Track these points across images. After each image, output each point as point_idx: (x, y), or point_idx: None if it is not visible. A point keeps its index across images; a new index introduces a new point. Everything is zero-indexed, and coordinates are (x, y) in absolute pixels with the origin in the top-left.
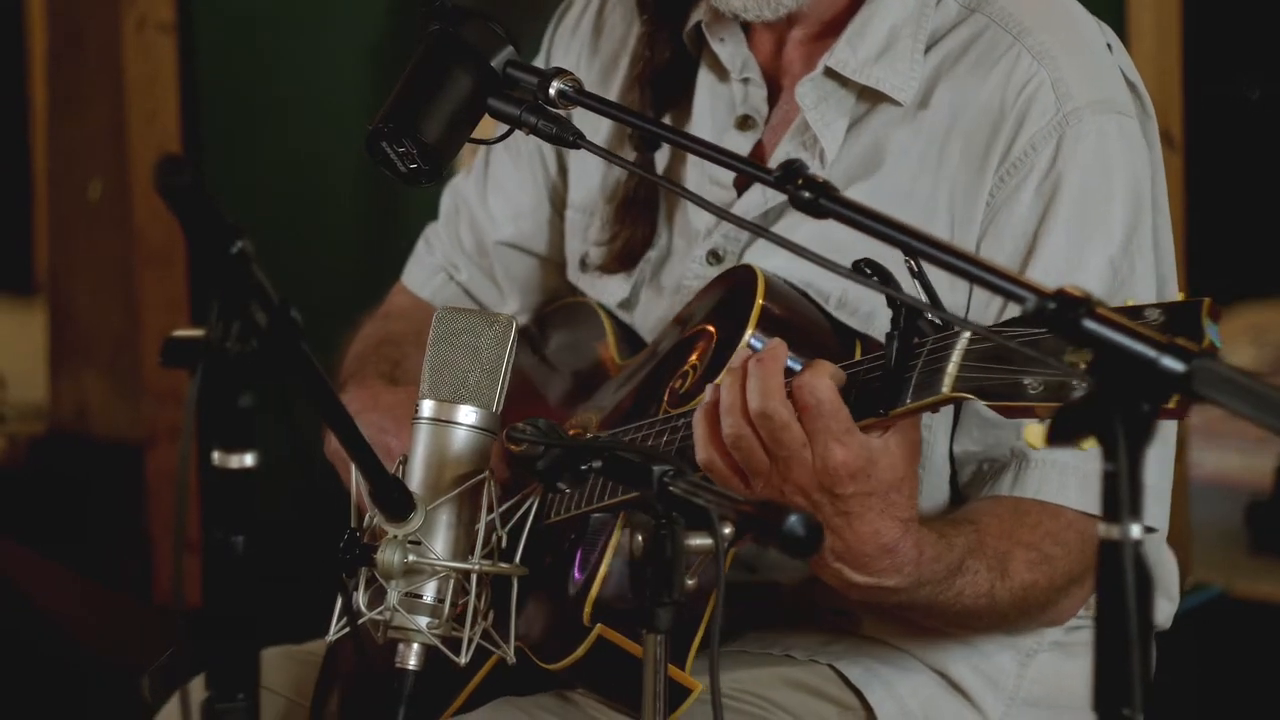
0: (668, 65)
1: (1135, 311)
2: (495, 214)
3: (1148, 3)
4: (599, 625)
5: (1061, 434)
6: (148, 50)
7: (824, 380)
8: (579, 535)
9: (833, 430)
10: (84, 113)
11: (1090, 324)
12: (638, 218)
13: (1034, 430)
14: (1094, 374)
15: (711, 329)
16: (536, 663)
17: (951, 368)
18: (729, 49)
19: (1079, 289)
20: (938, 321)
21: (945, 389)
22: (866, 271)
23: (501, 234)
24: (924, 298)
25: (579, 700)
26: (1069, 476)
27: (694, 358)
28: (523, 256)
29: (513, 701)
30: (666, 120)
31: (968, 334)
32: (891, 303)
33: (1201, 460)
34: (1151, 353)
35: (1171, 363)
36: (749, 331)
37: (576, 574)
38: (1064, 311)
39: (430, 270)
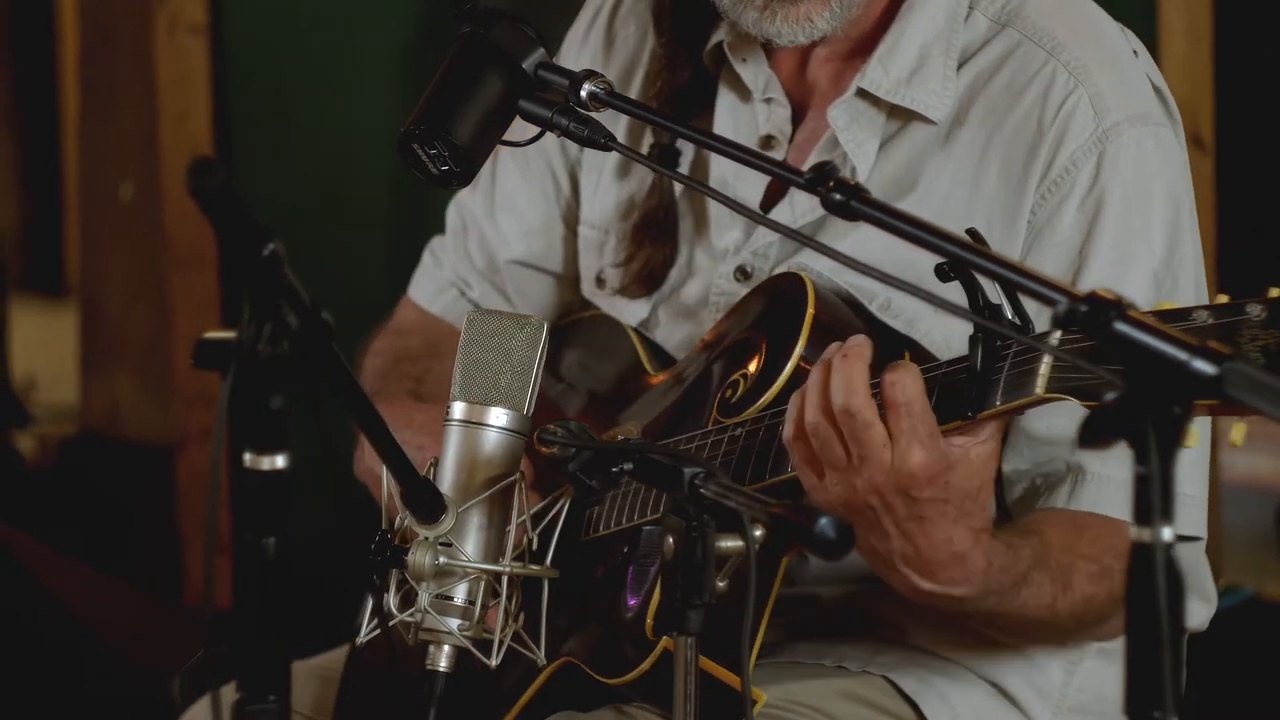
0: (686, 85)
1: (1237, 308)
2: (505, 231)
3: (1179, 5)
4: (665, 638)
5: (1092, 436)
6: (179, 52)
7: (915, 379)
8: (632, 548)
9: (918, 432)
10: (115, 114)
11: (1121, 326)
12: (657, 238)
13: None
14: (1124, 376)
15: (760, 338)
16: (595, 677)
17: (1044, 369)
18: (751, 69)
19: (1110, 291)
20: (1019, 323)
21: (1038, 390)
22: (951, 275)
23: (512, 252)
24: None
25: (636, 714)
26: (1125, 490)
27: (743, 367)
28: (534, 274)
29: (570, 716)
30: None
31: (1059, 334)
32: (975, 304)
33: (1232, 463)
34: (1183, 355)
35: (1203, 365)
36: (802, 339)
37: (632, 586)
38: (1096, 314)
39: (440, 285)
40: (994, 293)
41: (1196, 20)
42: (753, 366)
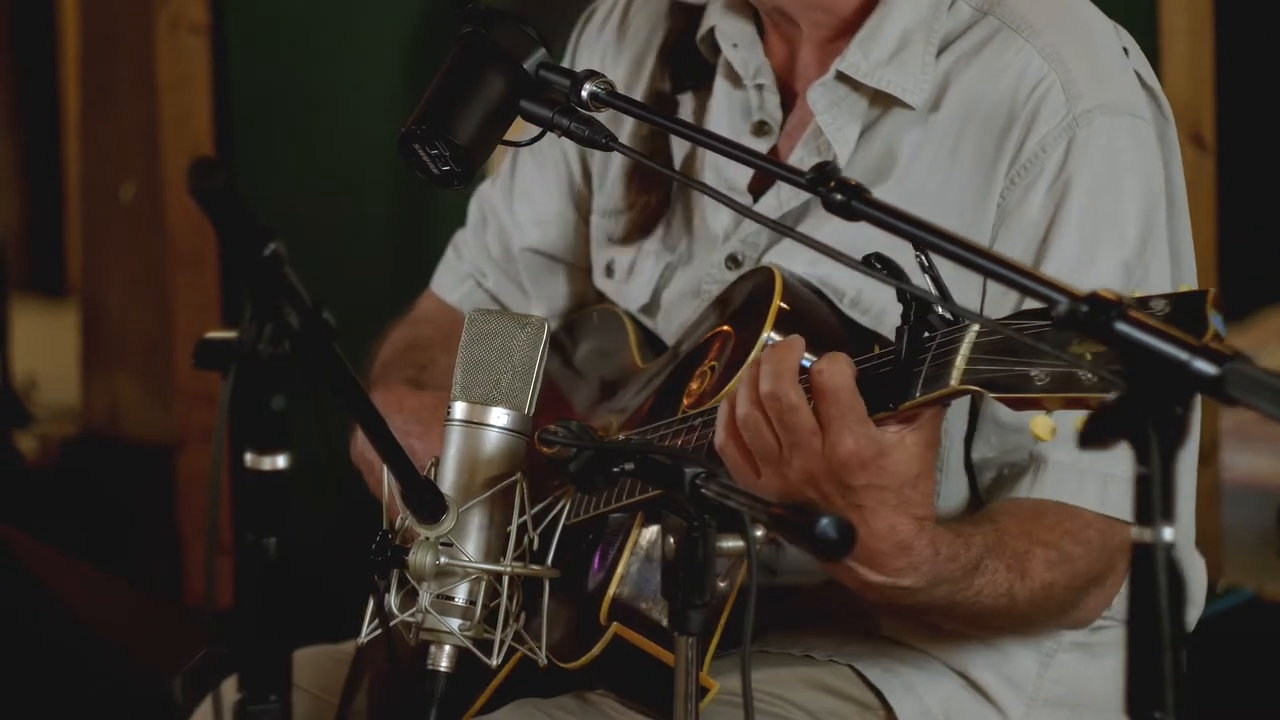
0: (691, 70)
1: (1142, 303)
2: (521, 220)
3: (1180, 4)
4: (615, 624)
5: (1094, 437)
6: (180, 51)
7: (843, 368)
8: (597, 535)
9: (847, 419)
10: (116, 114)
11: (1123, 326)
12: (651, 185)
13: (1041, 422)
14: (1126, 377)
15: (730, 329)
16: (554, 663)
17: (959, 360)
18: (742, 54)
19: (1112, 292)
20: (948, 316)
21: (953, 382)
22: (876, 265)
23: (527, 240)
24: (934, 291)
25: (598, 701)
26: (1087, 478)
27: (713, 359)
28: (548, 262)
29: (533, 703)
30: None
31: (975, 327)
32: (901, 296)
33: (1234, 463)
34: (1184, 355)
35: (1204, 366)
36: (766, 332)
37: (595, 573)
38: (1097, 314)
39: (458, 277)
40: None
41: (1198, 19)
42: (720, 357)
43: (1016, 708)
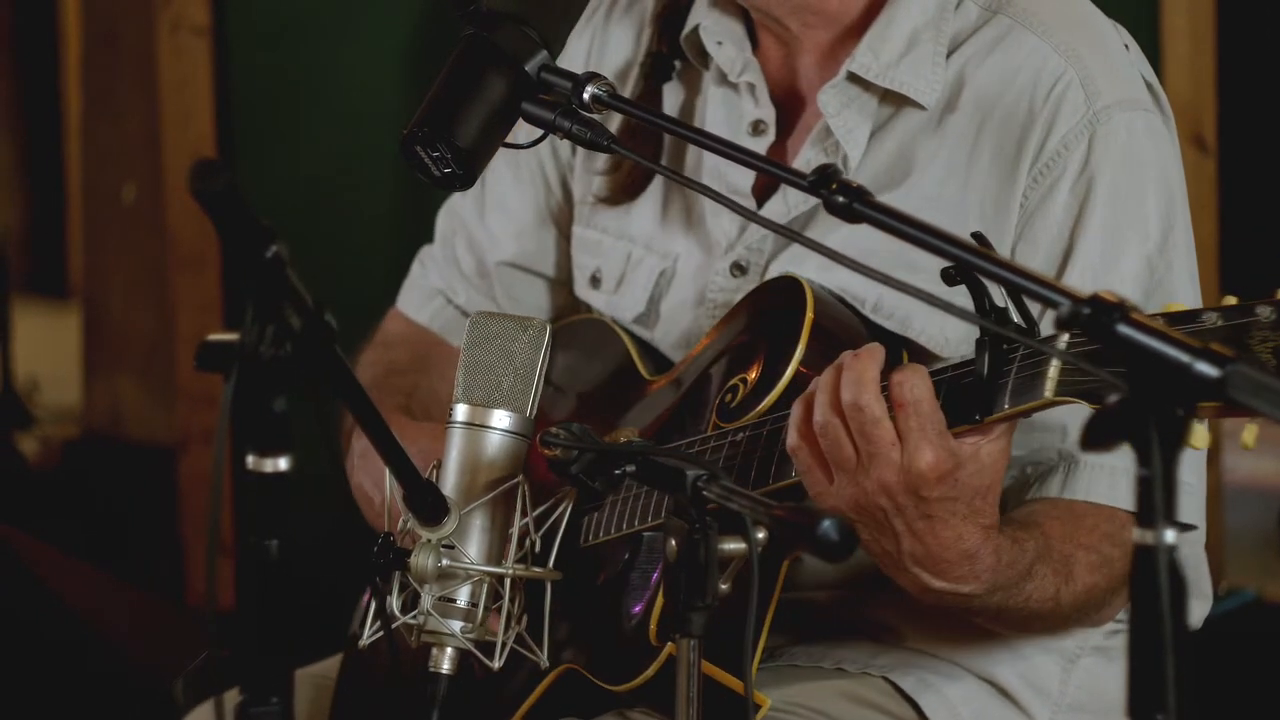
0: (675, 75)
1: (1245, 309)
2: (496, 232)
3: (1181, 5)
4: (670, 644)
5: (1095, 438)
6: (182, 53)
7: (923, 379)
8: (633, 554)
9: (926, 431)
10: (118, 116)
11: (1124, 329)
12: (639, 147)
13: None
14: (1127, 379)
15: (760, 342)
16: (598, 684)
17: (1053, 371)
18: (728, 52)
19: (1113, 294)
20: (1024, 326)
21: (1048, 393)
22: (957, 280)
23: (503, 254)
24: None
25: (639, 719)
26: (1119, 478)
27: (743, 372)
28: (525, 276)
29: None
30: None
31: (1065, 336)
32: (981, 308)
33: (1236, 465)
34: (1185, 358)
35: (1205, 368)
36: (801, 344)
37: (634, 592)
38: (1099, 316)
39: (427, 294)
40: (999, 295)
41: (1199, 21)
42: (752, 371)
43: (1043, 713)
